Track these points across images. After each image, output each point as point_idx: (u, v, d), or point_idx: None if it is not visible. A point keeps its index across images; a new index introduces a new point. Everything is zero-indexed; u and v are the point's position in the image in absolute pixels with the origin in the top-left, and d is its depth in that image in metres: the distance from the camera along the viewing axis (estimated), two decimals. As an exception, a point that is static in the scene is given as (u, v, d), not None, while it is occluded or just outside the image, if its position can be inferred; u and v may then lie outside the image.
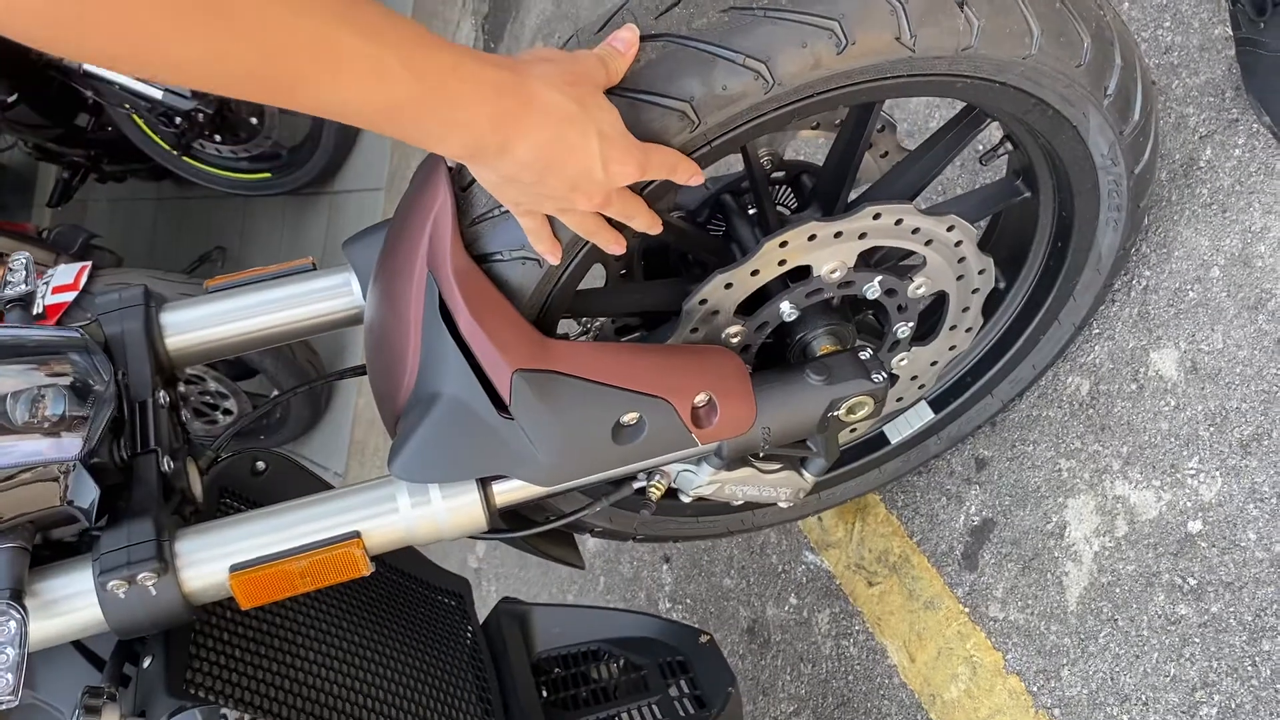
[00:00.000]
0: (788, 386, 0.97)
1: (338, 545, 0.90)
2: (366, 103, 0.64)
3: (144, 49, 0.56)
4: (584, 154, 0.72)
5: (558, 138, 0.70)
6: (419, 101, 0.65)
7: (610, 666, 1.32)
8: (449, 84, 0.66)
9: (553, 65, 0.72)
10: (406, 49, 0.63)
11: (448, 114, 0.67)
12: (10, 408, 0.90)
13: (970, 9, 0.83)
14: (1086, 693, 1.27)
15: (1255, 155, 1.21)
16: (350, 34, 0.60)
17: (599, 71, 0.76)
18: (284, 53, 0.59)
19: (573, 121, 0.71)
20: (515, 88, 0.68)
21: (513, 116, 0.69)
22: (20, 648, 0.81)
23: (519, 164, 0.71)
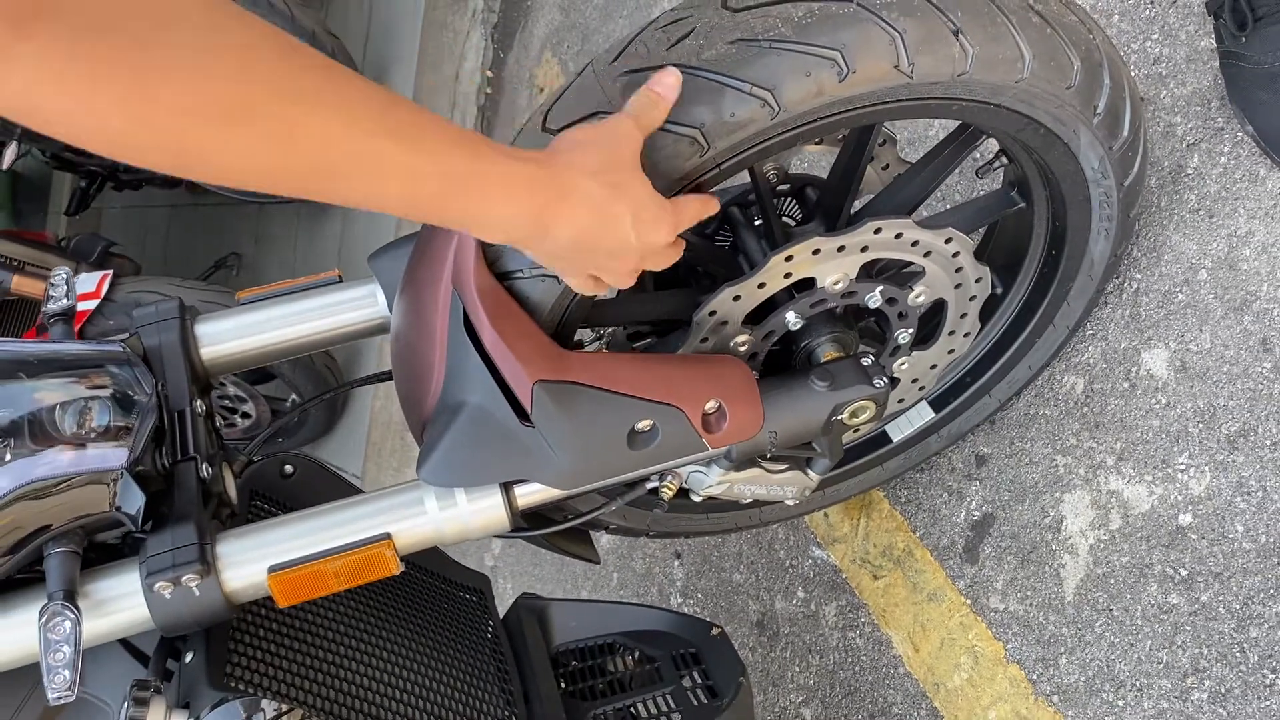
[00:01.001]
0: (793, 393, 1.02)
1: (370, 546, 0.95)
2: (407, 203, 0.69)
3: (208, 165, 0.61)
4: (619, 230, 0.78)
5: (594, 223, 0.77)
6: (459, 202, 0.71)
7: (625, 658, 1.36)
8: (487, 186, 0.71)
9: (587, 150, 0.77)
10: (444, 155, 0.68)
11: (487, 211, 0.72)
12: (59, 419, 0.95)
13: (965, 37, 0.88)
14: (1084, 680, 1.32)
15: (1240, 163, 1.26)
16: (393, 144, 0.65)
17: (633, 136, 0.80)
18: (335, 166, 0.64)
19: (606, 204, 0.76)
20: (549, 181, 0.74)
21: (550, 210, 0.75)
22: (75, 646, 0.86)
23: (560, 246, 0.78)
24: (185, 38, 0.57)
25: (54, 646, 0.85)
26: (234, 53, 0.59)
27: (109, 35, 0.54)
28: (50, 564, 0.90)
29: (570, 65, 2.54)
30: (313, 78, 0.63)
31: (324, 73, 0.63)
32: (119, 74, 0.55)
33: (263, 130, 0.60)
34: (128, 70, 0.55)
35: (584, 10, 2.52)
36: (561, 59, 2.57)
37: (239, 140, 0.60)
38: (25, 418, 0.94)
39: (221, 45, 0.58)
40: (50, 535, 0.91)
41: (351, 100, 0.64)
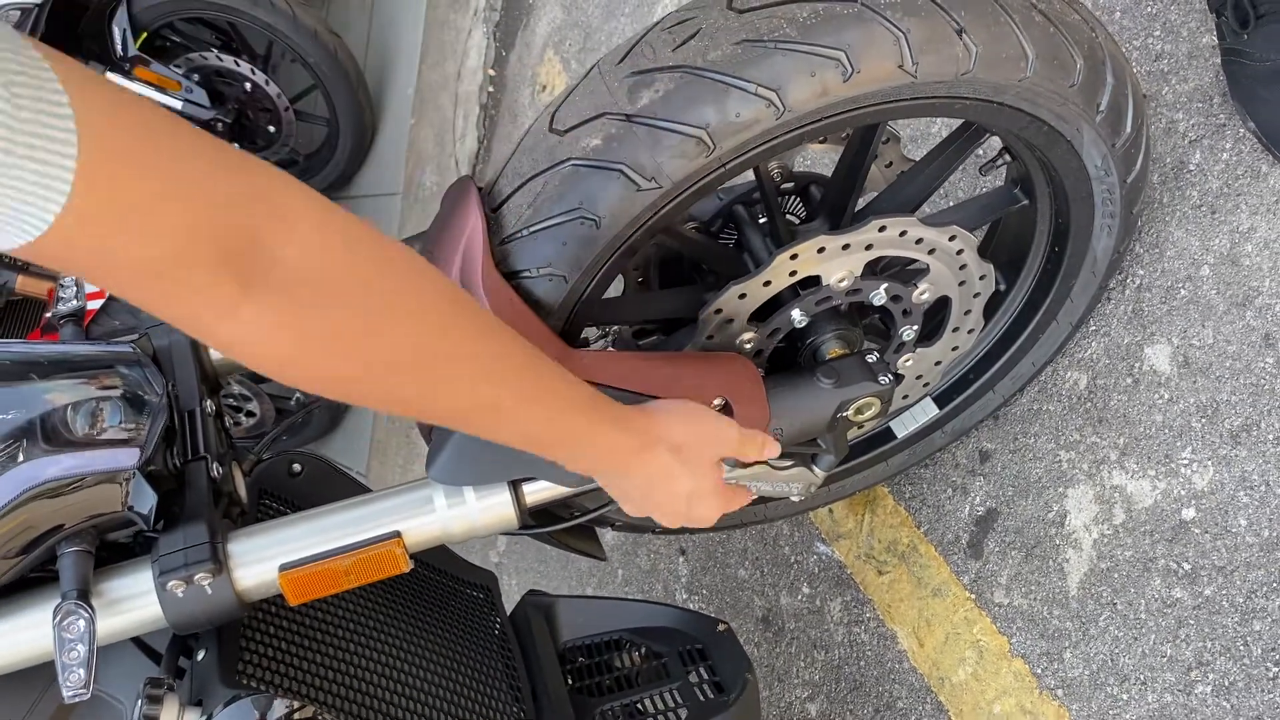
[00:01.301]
0: (799, 390, 1.03)
1: (380, 544, 0.96)
2: (531, 444, 0.81)
3: (394, 407, 0.74)
4: (675, 500, 0.91)
5: (659, 486, 0.89)
6: (570, 449, 0.84)
7: (632, 655, 1.37)
8: (597, 442, 0.84)
9: (685, 430, 0.89)
10: (571, 418, 0.80)
11: (591, 460, 0.86)
12: (71, 419, 0.96)
13: (968, 36, 0.88)
14: (1088, 674, 1.32)
15: (1242, 159, 1.26)
16: (539, 409, 0.78)
17: (728, 444, 0.92)
18: (493, 421, 0.77)
19: (675, 479, 0.89)
20: (641, 448, 0.86)
21: (632, 462, 0.87)
22: (89, 644, 0.87)
23: (625, 488, 0.90)
24: (386, 303, 0.66)
25: (68, 645, 0.86)
26: (431, 317, 0.69)
27: (326, 301, 0.63)
28: (63, 563, 0.91)
29: (573, 63, 2.54)
30: (488, 344, 0.74)
31: (496, 339, 0.74)
32: (330, 336, 0.64)
33: (447, 390, 0.73)
34: (337, 334, 0.64)
35: (586, 8, 2.53)
36: (564, 57, 2.58)
37: (427, 393, 0.72)
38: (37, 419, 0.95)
39: (418, 312, 0.68)
40: (63, 535, 0.92)
41: (516, 368, 0.76)
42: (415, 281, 0.68)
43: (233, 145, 0.61)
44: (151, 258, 0.56)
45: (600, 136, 0.88)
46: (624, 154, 0.87)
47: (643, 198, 0.89)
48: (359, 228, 0.66)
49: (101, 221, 0.53)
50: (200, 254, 0.57)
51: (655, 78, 0.87)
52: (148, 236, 0.55)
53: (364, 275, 0.65)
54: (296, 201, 0.62)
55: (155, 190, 0.55)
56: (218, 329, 0.61)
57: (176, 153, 0.56)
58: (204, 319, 0.61)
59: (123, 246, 0.55)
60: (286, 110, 3.08)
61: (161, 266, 0.57)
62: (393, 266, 0.67)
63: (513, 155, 0.96)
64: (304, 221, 0.62)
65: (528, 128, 0.96)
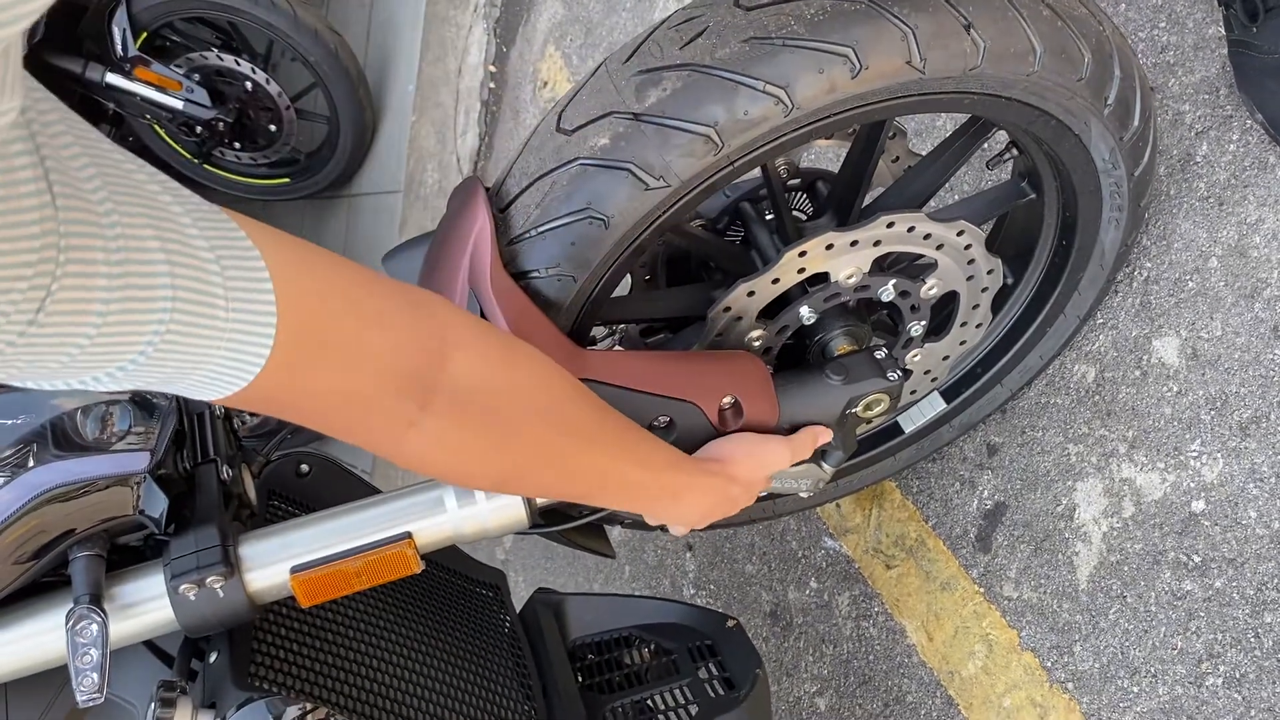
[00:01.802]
0: (808, 387, 1.03)
1: (391, 546, 0.96)
2: (635, 506, 0.92)
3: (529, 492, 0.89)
4: (731, 510, 0.99)
5: (720, 509, 0.97)
6: (663, 505, 0.93)
7: (641, 651, 1.37)
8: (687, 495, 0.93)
9: (752, 465, 0.97)
10: (668, 476, 0.89)
11: (680, 511, 0.94)
12: (81, 424, 0.97)
13: (976, 32, 0.88)
14: (1098, 667, 1.32)
15: (1249, 150, 1.26)
16: (641, 471, 0.87)
17: (781, 462, 0.99)
18: (603, 491, 0.87)
19: (737, 501, 0.98)
20: (724, 490, 0.95)
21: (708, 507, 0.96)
22: (103, 648, 0.87)
23: (687, 519, 0.97)
24: (528, 406, 0.74)
25: (82, 649, 0.86)
26: (562, 411, 0.77)
27: (486, 410, 0.71)
28: (75, 568, 0.91)
29: (574, 59, 2.54)
30: (605, 423, 0.82)
31: (611, 418, 0.83)
32: (491, 440, 0.72)
33: (576, 478, 0.82)
34: (495, 437, 0.73)
35: (587, 3, 2.52)
36: (565, 52, 2.57)
37: (564, 477, 0.81)
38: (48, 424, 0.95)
39: (552, 409, 0.76)
40: (75, 539, 0.92)
41: (630, 442, 0.85)
42: (546, 379, 0.77)
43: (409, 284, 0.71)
44: (347, 391, 0.62)
45: (608, 135, 0.88)
46: (632, 153, 0.87)
47: (651, 197, 0.89)
48: (504, 341, 0.75)
49: (300, 366, 0.58)
50: (390, 382, 0.64)
51: (663, 76, 0.87)
52: (344, 373, 0.61)
53: (512, 383, 0.73)
54: (460, 324, 0.70)
55: (350, 328, 0.61)
56: (400, 445, 0.68)
57: (364, 291, 0.62)
58: (389, 437, 0.67)
59: (321, 384, 0.61)
60: (287, 109, 3.08)
61: (354, 397, 0.63)
62: (532, 371, 0.76)
63: (520, 155, 0.96)
64: (469, 342, 0.70)
65: (535, 127, 0.96)
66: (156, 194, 0.50)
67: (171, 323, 0.50)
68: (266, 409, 0.61)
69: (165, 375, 0.53)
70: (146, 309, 0.49)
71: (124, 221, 0.47)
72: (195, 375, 0.54)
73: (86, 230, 0.45)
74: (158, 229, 0.49)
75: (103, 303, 0.46)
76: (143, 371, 0.51)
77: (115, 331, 0.48)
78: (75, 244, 0.44)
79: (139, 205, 0.49)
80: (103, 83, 2.77)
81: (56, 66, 2.74)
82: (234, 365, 0.54)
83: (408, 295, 0.67)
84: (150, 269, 0.48)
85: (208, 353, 0.53)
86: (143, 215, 0.48)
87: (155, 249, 0.49)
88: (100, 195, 0.46)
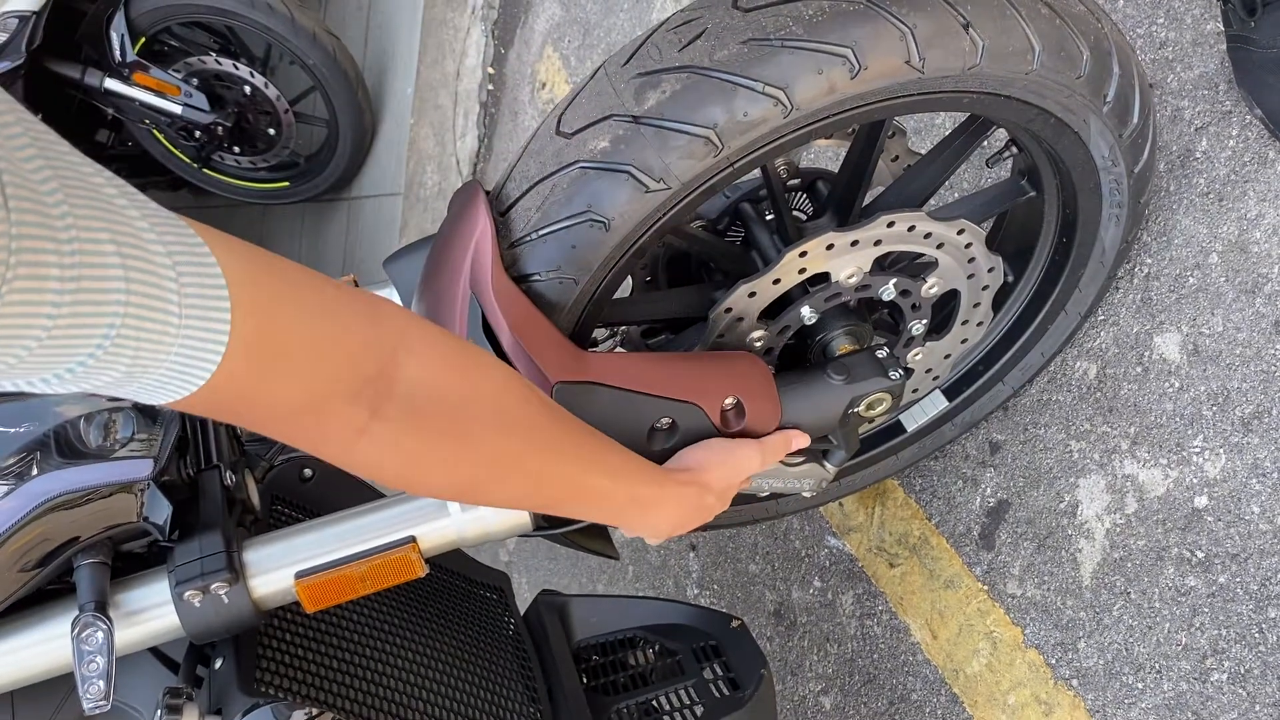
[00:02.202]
0: (810, 387, 1.03)
1: (395, 550, 0.96)
2: (604, 516, 0.92)
3: (487, 502, 0.84)
4: (703, 519, 0.98)
5: (694, 519, 0.97)
6: (636, 514, 0.92)
7: (646, 652, 1.37)
8: (660, 505, 0.92)
9: (722, 473, 0.96)
10: (638, 485, 0.89)
11: (654, 521, 0.94)
12: (85, 432, 0.97)
13: (975, 30, 0.88)
14: (1103, 663, 1.33)
15: (1249, 146, 1.26)
16: (609, 481, 0.86)
17: (752, 467, 0.98)
18: (568, 500, 0.85)
19: (711, 510, 0.97)
20: (696, 499, 0.95)
21: (679, 518, 0.96)
22: (108, 655, 0.87)
23: (659, 529, 0.96)
24: (485, 411, 0.74)
25: (88, 657, 0.86)
26: (520, 416, 0.77)
27: (440, 415, 0.70)
28: (80, 575, 0.91)
29: (572, 60, 2.54)
30: (566, 432, 0.82)
31: (571, 427, 0.82)
32: (447, 446, 0.72)
33: (539, 490, 0.82)
34: (452, 443, 0.72)
35: (584, 5, 2.52)
36: (563, 54, 2.57)
37: (531, 485, 0.80)
38: (51, 432, 0.95)
39: (510, 415, 0.76)
40: (80, 547, 0.92)
41: (594, 450, 0.84)
42: (505, 388, 0.76)
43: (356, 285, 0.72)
44: (298, 397, 0.62)
45: (608, 138, 0.88)
46: (632, 155, 0.87)
47: (651, 199, 0.89)
48: (460, 348, 0.74)
49: (253, 372, 0.58)
50: (343, 389, 0.64)
51: (662, 79, 0.87)
52: (297, 379, 0.62)
53: (468, 391, 0.73)
54: (415, 332, 0.70)
55: (303, 335, 0.61)
56: (352, 451, 0.68)
57: (318, 298, 0.63)
58: (340, 443, 0.67)
59: (273, 390, 0.61)
60: (286, 112, 3.08)
61: (306, 404, 0.63)
62: (488, 379, 0.75)
63: (520, 158, 0.96)
64: (423, 349, 0.69)
65: (534, 130, 0.96)
66: (113, 197, 0.51)
67: (124, 325, 0.50)
68: (217, 414, 0.61)
69: (116, 378, 0.53)
70: (98, 311, 0.49)
71: (79, 224, 0.48)
72: (146, 379, 0.54)
73: (39, 233, 0.46)
74: (113, 232, 0.50)
75: (53, 305, 0.47)
76: (93, 373, 0.52)
77: (67, 333, 0.48)
78: (26, 245, 0.45)
79: (95, 209, 0.49)
80: (101, 88, 2.78)
81: (55, 72, 2.74)
82: (186, 370, 0.55)
83: (361, 302, 0.67)
84: (104, 271, 0.49)
85: (159, 356, 0.53)
86: (99, 219, 0.49)
87: (110, 251, 0.49)
88: (56, 199, 0.47)
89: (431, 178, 2.93)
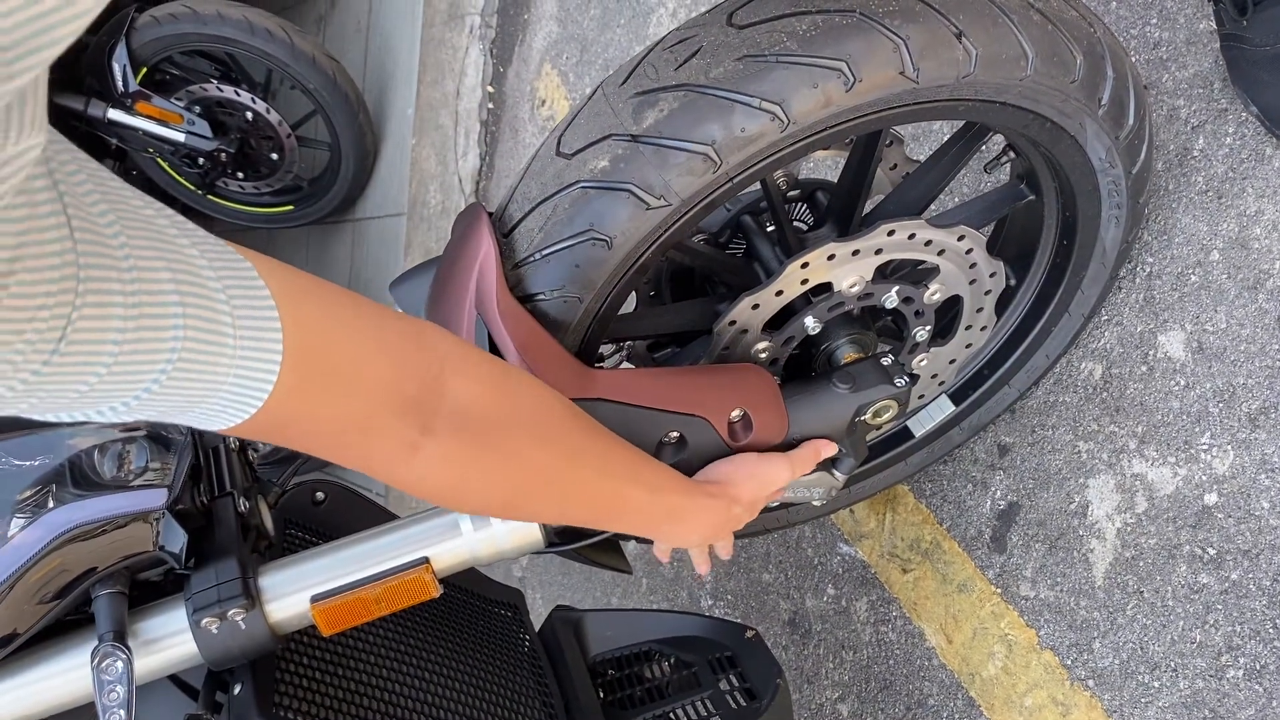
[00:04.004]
0: (816, 396, 1.03)
1: (409, 571, 0.96)
2: (640, 529, 0.93)
3: (535, 518, 0.89)
4: (730, 530, 1.01)
5: (722, 530, 1.00)
6: (669, 526, 0.94)
7: (662, 665, 1.37)
8: (690, 515, 0.94)
9: (753, 486, 0.98)
10: (672, 497, 0.91)
11: (685, 531, 0.96)
12: (99, 463, 0.98)
13: (968, 39, 0.89)
14: (1118, 663, 1.33)
15: (1246, 143, 1.27)
16: (646, 494, 0.88)
17: (781, 481, 1.00)
18: (612, 515, 0.88)
19: (739, 521, 0.99)
20: (726, 510, 0.96)
21: (710, 529, 0.98)
22: (129, 685, 0.88)
23: (688, 540, 1.00)
24: (527, 430, 0.76)
25: (108, 687, 0.87)
26: (559, 433, 0.79)
27: (487, 434, 0.73)
28: (99, 605, 0.92)
29: (570, 76, 2.55)
30: (600, 444, 0.84)
31: (604, 438, 0.84)
32: (492, 463, 0.74)
33: (581, 491, 0.83)
34: (497, 459, 0.74)
35: (581, 22, 2.54)
36: (561, 71, 2.59)
37: (569, 499, 0.82)
38: (65, 463, 0.96)
39: (551, 431, 0.78)
40: (97, 577, 0.93)
41: (627, 462, 0.86)
42: (545, 405, 0.79)
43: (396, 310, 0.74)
44: (350, 415, 0.64)
45: (607, 158, 0.89)
46: (632, 174, 0.88)
47: (652, 216, 0.90)
48: (502, 369, 0.77)
49: (306, 393, 0.60)
50: (391, 406, 0.66)
51: (659, 97, 0.88)
52: (348, 398, 0.63)
53: (510, 408, 0.75)
54: (458, 353, 0.72)
55: (352, 354, 0.63)
56: (402, 468, 0.70)
57: (364, 319, 0.64)
58: (390, 461, 0.69)
59: (326, 410, 0.62)
60: (289, 137, 3.10)
61: (358, 422, 0.65)
62: (530, 396, 0.78)
63: (521, 180, 0.97)
64: (467, 370, 0.72)
65: (535, 152, 0.97)
66: (165, 228, 0.52)
67: (183, 352, 0.52)
68: (273, 437, 0.62)
69: (175, 405, 0.54)
70: (158, 339, 0.50)
71: (136, 254, 0.49)
72: (205, 405, 0.55)
73: (102, 263, 0.47)
74: (168, 262, 0.51)
75: (118, 332, 0.48)
76: (155, 401, 0.53)
77: (131, 361, 0.49)
78: (93, 275, 0.46)
79: (150, 240, 0.50)
80: (105, 119, 2.80)
81: (59, 105, 2.76)
82: (242, 394, 0.56)
83: (406, 323, 0.69)
84: (162, 299, 0.50)
85: (217, 382, 0.54)
86: (153, 249, 0.50)
87: (166, 280, 0.50)
88: (114, 230, 0.48)
89: (434, 197, 2.94)
